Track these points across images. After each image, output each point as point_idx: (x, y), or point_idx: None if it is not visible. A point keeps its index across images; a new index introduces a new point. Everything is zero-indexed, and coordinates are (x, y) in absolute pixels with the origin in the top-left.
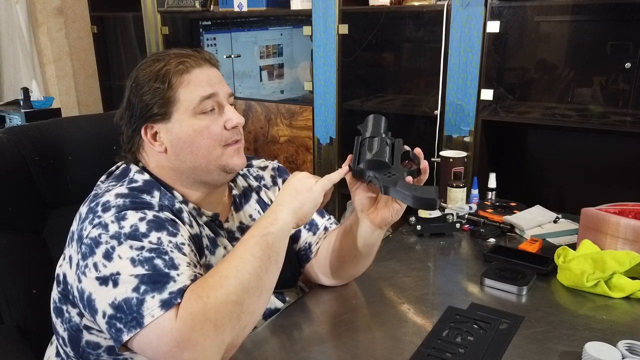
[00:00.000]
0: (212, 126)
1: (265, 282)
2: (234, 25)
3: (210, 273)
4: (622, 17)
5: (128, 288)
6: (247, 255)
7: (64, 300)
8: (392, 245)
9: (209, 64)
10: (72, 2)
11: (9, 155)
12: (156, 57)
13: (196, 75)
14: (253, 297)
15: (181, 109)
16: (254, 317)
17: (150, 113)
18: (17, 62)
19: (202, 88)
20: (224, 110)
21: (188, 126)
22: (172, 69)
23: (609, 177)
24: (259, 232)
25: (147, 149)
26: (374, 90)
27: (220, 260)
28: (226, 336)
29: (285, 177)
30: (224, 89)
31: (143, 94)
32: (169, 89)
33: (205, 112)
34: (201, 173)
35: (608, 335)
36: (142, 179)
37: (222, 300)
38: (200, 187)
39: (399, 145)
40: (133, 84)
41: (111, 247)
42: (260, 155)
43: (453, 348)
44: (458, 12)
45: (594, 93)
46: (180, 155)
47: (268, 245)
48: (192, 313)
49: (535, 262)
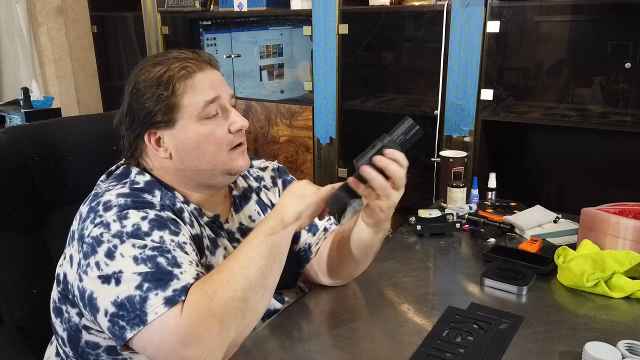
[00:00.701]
0: (217, 130)
1: (269, 281)
2: (234, 25)
3: (216, 270)
4: (622, 17)
5: (131, 286)
6: (253, 254)
7: (63, 300)
8: (392, 245)
9: (210, 67)
10: (72, 2)
11: (9, 155)
12: (155, 61)
13: (199, 79)
14: (258, 295)
15: (186, 115)
16: (257, 314)
17: (154, 120)
18: (17, 62)
19: (205, 92)
20: (227, 113)
21: (193, 132)
22: (176, 74)
23: (609, 177)
24: (264, 232)
25: (150, 153)
26: (374, 90)
27: (226, 259)
28: (230, 333)
29: (285, 178)
30: (226, 91)
31: (145, 101)
32: (173, 96)
33: (209, 117)
34: (206, 177)
35: (608, 335)
36: (143, 180)
37: (229, 297)
38: (202, 190)
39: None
40: (133, 89)
41: (113, 245)
42: (260, 155)
43: (453, 348)
44: (458, 12)
45: (593, 93)
46: (186, 160)
47: (273, 244)
48: (198, 309)
49: (535, 262)
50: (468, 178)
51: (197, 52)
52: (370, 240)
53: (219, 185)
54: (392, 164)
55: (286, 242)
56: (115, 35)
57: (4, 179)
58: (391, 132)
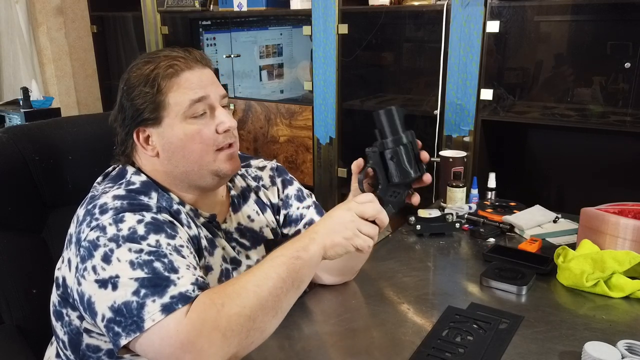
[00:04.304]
0: (203, 130)
1: (282, 304)
2: (234, 25)
3: (230, 281)
4: (622, 17)
5: (128, 291)
6: (272, 273)
7: (63, 303)
8: (392, 245)
9: (200, 65)
10: (71, 1)
11: (8, 155)
12: (147, 59)
13: (186, 78)
14: (267, 317)
15: (172, 114)
16: (263, 335)
17: (142, 117)
18: (16, 62)
19: (192, 91)
20: (215, 113)
21: (179, 130)
22: (161, 72)
23: (609, 177)
24: (289, 253)
25: (140, 152)
26: (373, 90)
27: (246, 271)
28: (232, 348)
29: (285, 177)
30: (216, 91)
31: (134, 98)
32: (159, 94)
33: (196, 116)
34: (194, 177)
35: (608, 335)
36: (139, 181)
37: (236, 312)
38: (194, 191)
39: (415, 145)
40: (124, 86)
41: (110, 249)
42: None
43: (453, 348)
44: (458, 11)
45: (593, 93)
46: (173, 160)
47: (295, 269)
48: (203, 318)
49: (535, 262)
50: (468, 178)
51: (188, 51)
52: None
53: (208, 187)
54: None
55: (309, 271)
56: (115, 35)
57: (4, 179)
58: (382, 134)
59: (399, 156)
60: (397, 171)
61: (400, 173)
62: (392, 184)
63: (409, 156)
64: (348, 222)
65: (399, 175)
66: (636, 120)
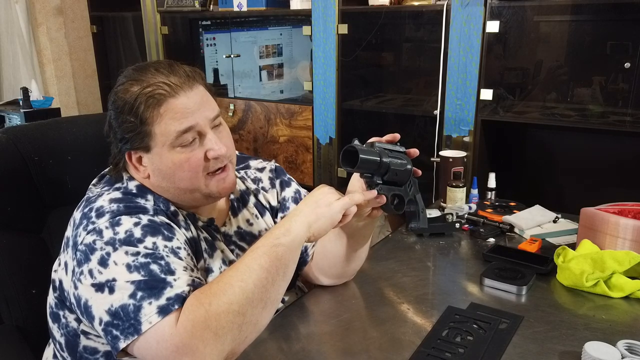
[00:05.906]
0: (192, 159)
1: (270, 294)
2: (234, 25)
3: (216, 280)
4: (621, 17)
5: (124, 294)
6: (254, 265)
7: (60, 305)
8: (391, 245)
9: (186, 87)
10: (71, 1)
11: (8, 155)
12: (133, 79)
13: (171, 107)
14: (256, 309)
15: (159, 143)
16: (257, 328)
17: (130, 145)
18: (16, 62)
19: (177, 122)
20: (205, 139)
21: (167, 159)
22: (144, 102)
23: (609, 177)
24: (269, 242)
25: (132, 170)
26: (373, 90)
27: (228, 268)
28: (226, 345)
29: (283, 179)
30: (205, 115)
31: (120, 124)
32: (143, 125)
33: (184, 145)
34: (187, 198)
35: (607, 335)
36: (135, 185)
37: (224, 310)
38: (190, 202)
39: (395, 149)
40: (112, 106)
41: (106, 253)
42: (260, 155)
43: (453, 348)
44: (458, 12)
45: (593, 93)
46: (163, 183)
47: (277, 256)
48: (192, 320)
49: (534, 262)
50: (468, 178)
51: (174, 69)
52: (363, 229)
53: (202, 204)
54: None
55: (292, 255)
56: (114, 35)
57: (4, 179)
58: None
59: (395, 173)
60: (402, 180)
61: (404, 179)
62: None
63: (401, 164)
64: (327, 192)
65: (405, 181)
66: (636, 120)
